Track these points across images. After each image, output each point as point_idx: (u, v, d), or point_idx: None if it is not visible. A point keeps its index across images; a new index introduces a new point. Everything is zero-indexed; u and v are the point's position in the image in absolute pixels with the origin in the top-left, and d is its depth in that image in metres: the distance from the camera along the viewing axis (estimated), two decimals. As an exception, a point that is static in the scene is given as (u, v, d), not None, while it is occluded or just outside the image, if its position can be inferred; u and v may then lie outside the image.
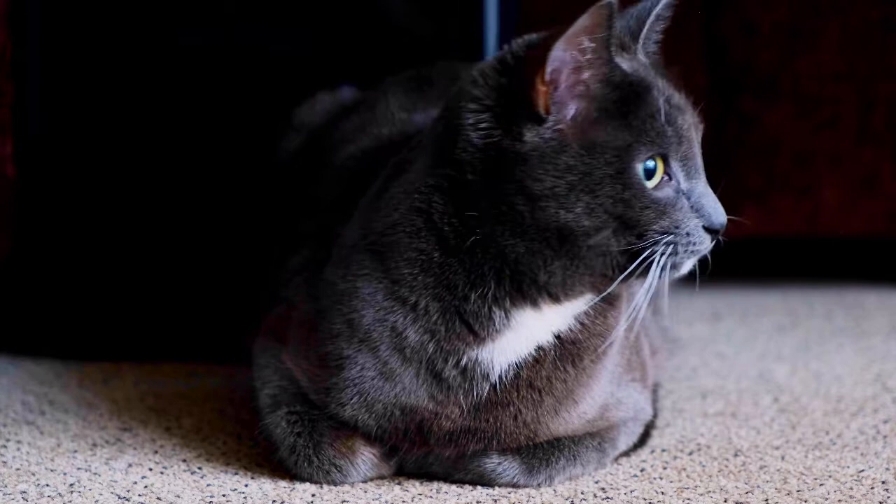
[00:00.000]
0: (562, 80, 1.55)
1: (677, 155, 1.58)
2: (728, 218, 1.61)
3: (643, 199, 1.55)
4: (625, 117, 1.56)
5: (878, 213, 3.03)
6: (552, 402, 1.66)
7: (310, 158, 2.10)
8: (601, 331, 1.67)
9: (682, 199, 1.58)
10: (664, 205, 1.56)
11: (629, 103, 1.56)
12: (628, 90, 1.57)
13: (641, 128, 1.56)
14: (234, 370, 2.23)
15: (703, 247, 1.59)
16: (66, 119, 2.42)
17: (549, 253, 1.57)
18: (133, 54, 2.40)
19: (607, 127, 1.55)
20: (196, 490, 1.71)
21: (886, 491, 1.69)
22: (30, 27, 2.40)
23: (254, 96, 2.40)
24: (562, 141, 1.55)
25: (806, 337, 2.62)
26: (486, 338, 1.62)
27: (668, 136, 1.57)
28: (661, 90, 1.59)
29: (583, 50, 1.53)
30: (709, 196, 1.59)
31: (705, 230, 1.58)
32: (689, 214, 1.58)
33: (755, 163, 2.99)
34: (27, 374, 2.32)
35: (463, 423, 1.65)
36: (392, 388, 1.65)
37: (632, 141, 1.55)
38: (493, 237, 1.58)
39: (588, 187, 1.54)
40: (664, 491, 1.70)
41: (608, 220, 1.54)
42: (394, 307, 1.63)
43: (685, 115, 1.61)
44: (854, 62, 2.97)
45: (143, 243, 2.44)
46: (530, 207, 1.55)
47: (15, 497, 1.68)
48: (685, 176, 1.58)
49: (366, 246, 1.66)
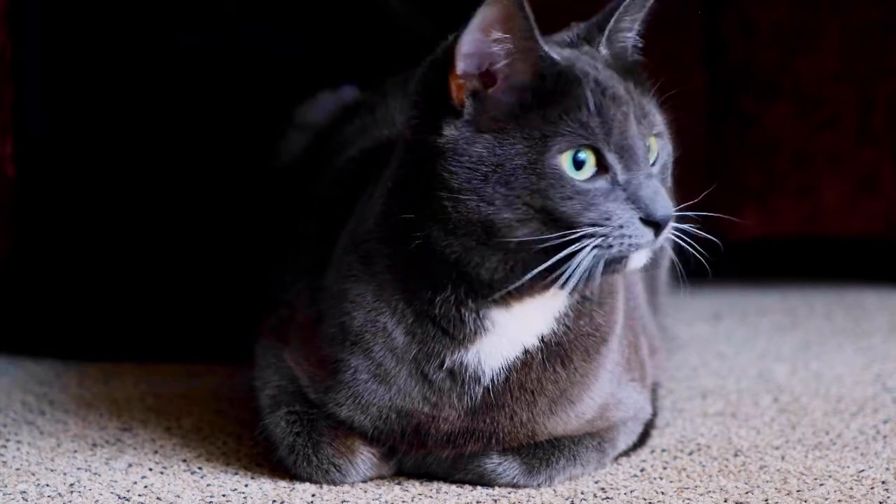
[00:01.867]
0: (476, 72, 1.56)
1: (610, 146, 1.55)
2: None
3: (563, 190, 1.53)
4: (542, 108, 1.55)
5: (878, 213, 3.02)
6: (546, 403, 1.66)
7: (312, 159, 2.10)
8: (589, 331, 1.67)
9: (617, 190, 1.55)
10: (592, 196, 1.54)
11: (550, 94, 1.55)
12: (551, 81, 1.56)
13: (560, 119, 1.54)
14: (234, 370, 2.23)
15: (643, 240, 1.54)
16: (66, 119, 2.43)
17: (483, 249, 1.56)
18: (133, 54, 2.40)
19: (522, 118, 1.55)
20: (196, 490, 1.71)
21: (886, 491, 1.69)
22: (30, 27, 2.40)
23: (254, 96, 2.41)
24: (476, 133, 1.55)
25: (806, 337, 2.62)
26: (464, 340, 1.62)
27: (594, 127, 1.54)
28: (597, 82, 1.57)
29: (496, 41, 1.54)
30: (648, 188, 1.55)
31: (644, 222, 1.55)
32: (623, 206, 1.54)
33: (755, 163, 2.99)
34: (27, 374, 2.32)
35: (461, 425, 1.65)
36: (387, 391, 1.65)
37: (547, 132, 1.54)
38: (431, 238, 1.58)
39: (503, 179, 1.53)
40: (664, 491, 1.70)
41: (530, 211, 1.53)
42: (382, 308, 1.64)
43: (622, 107, 1.57)
44: (854, 62, 2.97)
45: (143, 243, 2.44)
46: (453, 202, 1.55)
47: (15, 497, 1.68)
48: (623, 168, 1.56)
49: (354, 250, 1.68)
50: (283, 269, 1.93)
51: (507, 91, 1.56)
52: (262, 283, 2.04)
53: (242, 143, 2.39)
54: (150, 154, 2.43)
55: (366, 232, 1.67)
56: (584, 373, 1.67)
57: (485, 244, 1.55)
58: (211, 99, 2.42)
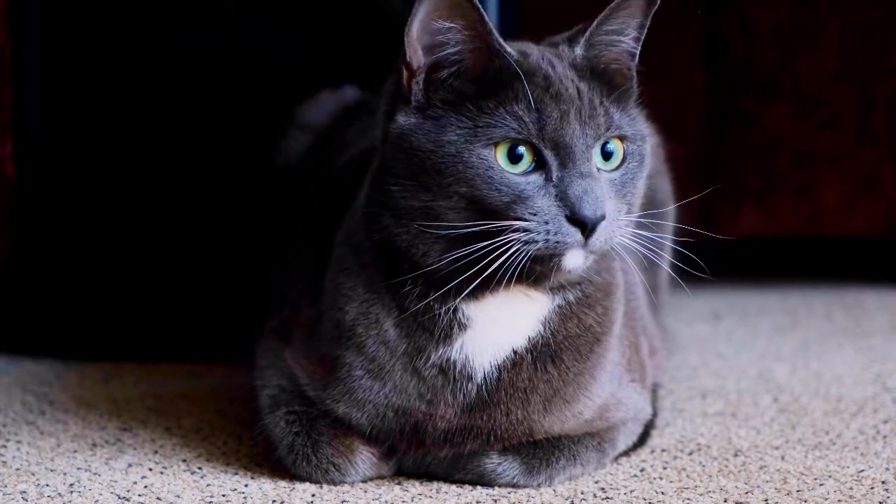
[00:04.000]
0: (424, 59, 1.57)
1: (544, 143, 1.55)
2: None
3: (491, 181, 1.54)
4: (481, 99, 1.56)
5: (878, 213, 3.03)
6: (540, 402, 1.66)
7: (313, 159, 2.10)
8: (578, 332, 1.67)
9: (549, 187, 1.55)
10: (523, 190, 1.54)
11: (490, 86, 1.56)
12: (494, 73, 1.57)
13: (495, 110, 1.55)
14: (233, 370, 2.24)
15: (570, 239, 1.54)
16: (66, 119, 2.42)
17: (426, 237, 1.57)
18: (133, 54, 2.40)
19: (461, 106, 1.56)
20: (196, 490, 1.71)
21: (886, 491, 1.69)
22: (30, 27, 2.40)
23: (254, 96, 2.40)
24: (421, 120, 1.57)
25: (806, 337, 2.62)
26: (444, 336, 1.63)
27: (527, 122, 1.55)
28: (546, 78, 1.57)
29: (442, 30, 1.55)
30: (578, 186, 1.54)
31: (570, 221, 1.54)
32: (551, 203, 1.54)
33: (755, 163, 2.99)
34: (27, 374, 2.32)
35: (458, 423, 1.65)
36: (381, 387, 1.65)
37: (480, 122, 1.55)
38: (388, 230, 1.60)
39: (437, 166, 1.55)
40: (664, 491, 1.70)
41: (462, 201, 1.55)
42: (373, 298, 1.65)
43: (562, 105, 1.56)
44: (854, 62, 2.97)
45: (144, 243, 2.44)
46: (399, 189, 1.58)
47: (15, 497, 1.68)
48: (559, 165, 1.56)
49: (347, 241, 1.70)
50: (283, 269, 1.93)
51: (451, 79, 1.58)
52: (262, 283, 2.04)
53: (242, 143, 2.39)
54: (150, 154, 2.43)
55: (355, 224, 1.69)
56: (577, 372, 1.67)
57: (426, 232, 1.57)
58: (211, 99, 2.42)
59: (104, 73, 2.41)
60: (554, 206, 1.54)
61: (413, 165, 1.57)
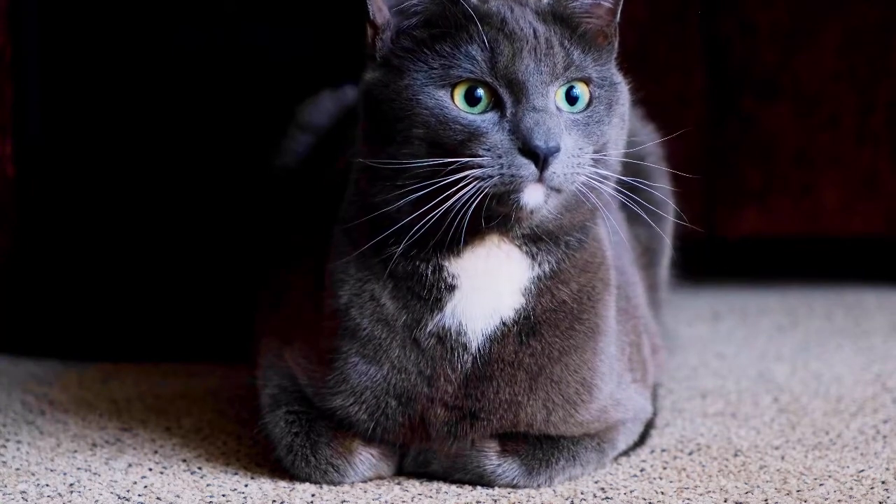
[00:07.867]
0: (388, 18, 1.61)
1: (498, 80, 1.57)
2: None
3: (446, 122, 1.56)
4: (437, 42, 1.59)
5: (877, 213, 3.03)
6: (525, 378, 1.66)
7: (314, 159, 2.10)
8: (552, 306, 1.67)
9: (503, 122, 1.56)
10: (476, 127, 1.56)
11: (447, 30, 1.59)
12: (451, 17, 1.59)
13: (450, 52, 1.58)
14: (233, 370, 2.24)
15: (523, 171, 1.54)
16: (66, 119, 2.43)
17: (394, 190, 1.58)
18: (133, 55, 2.40)
19: (418, 52, 1.59)
20: (196, 490, 1.71)
21: (886, 491, 1.69)
22: (29, 27, 2.40)
23: (255, 96, 2.40)
24: (385, 73, 1.61)
25: (806, 337, 2.62)
26: (437, 300, 1.63)
27: (480, 60, 1.57)
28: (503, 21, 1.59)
29: None
30: (529, 119, 1.55)
31: (522, 153, 1.54)
32: (504, 137, 1.55)
33: (755, 163, 2.99)
34: (27, 374, 2.32)
35: (456, 403, 1.65)
36: (378, 370, 1.66)
37: (435, 65, 1.58)
38: (367, 193, 1.62)
39: (398, 114, 1.58)
40: (664, 491, 1.70)
41: (423, 145, 1.56)
42: (367, 276, 1.67)
43: (516, 43, 1.57)
44: (854, 62, 2.97)
45: (143, 243, 2.44)
46: (368, 144, 1.61)
47: (15, 497, 1.68)
48: (513, 101, 1.57)
49: (340, 230, 1.71)
50: (284, 269, 1.93)
51: (410, 28, 1.61)
52: (262, 283, 2.04)
53: (243, 143, 2.39)
54: (150, 154, 2.43)
55: (346, 206, 1.71)
56: (561, 350, 1.67)
57: (394, 184, 1.58)
58: (212, 99, 2.42)
59: (103, 74, 2.41)
60: (507, 140, 1.55)
61: (378, 118, 1.60)
